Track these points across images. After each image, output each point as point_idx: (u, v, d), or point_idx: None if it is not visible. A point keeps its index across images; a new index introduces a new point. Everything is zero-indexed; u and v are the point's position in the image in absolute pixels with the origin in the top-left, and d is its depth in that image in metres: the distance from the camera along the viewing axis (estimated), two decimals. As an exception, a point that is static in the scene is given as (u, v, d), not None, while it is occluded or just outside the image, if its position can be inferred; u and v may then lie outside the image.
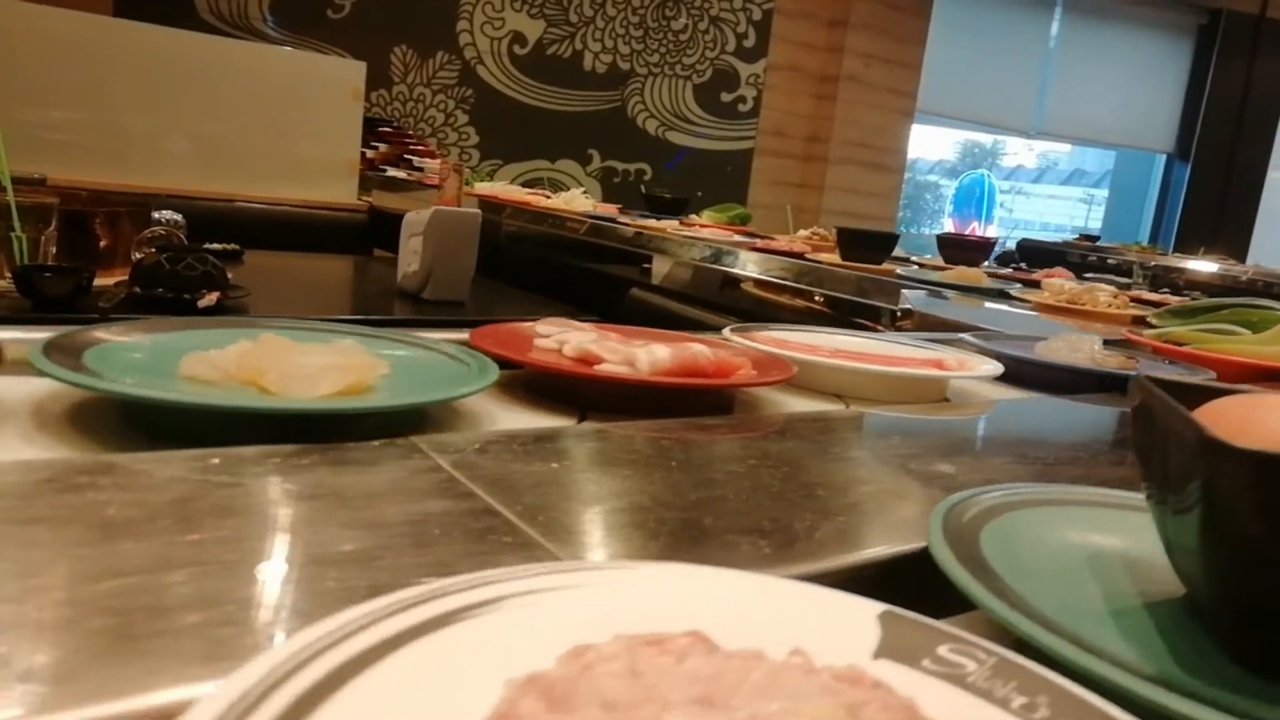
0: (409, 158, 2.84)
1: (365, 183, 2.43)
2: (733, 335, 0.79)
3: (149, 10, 2.49)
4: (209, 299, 1.06)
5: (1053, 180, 9.26)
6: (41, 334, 0.52)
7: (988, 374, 0.77)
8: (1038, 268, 2.56)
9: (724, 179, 4.37)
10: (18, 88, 1.96)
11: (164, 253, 1.07)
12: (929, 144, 7.97)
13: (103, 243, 1.20)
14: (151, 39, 2.11)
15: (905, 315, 1.35)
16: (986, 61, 5.40)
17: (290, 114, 2.27)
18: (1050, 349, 0.91)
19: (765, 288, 1.64)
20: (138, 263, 1.09)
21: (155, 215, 1.33)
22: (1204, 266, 3.08)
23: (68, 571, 0.30)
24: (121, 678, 0.24)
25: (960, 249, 2.23)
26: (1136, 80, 5.86)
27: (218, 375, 0.50)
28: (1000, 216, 7.93)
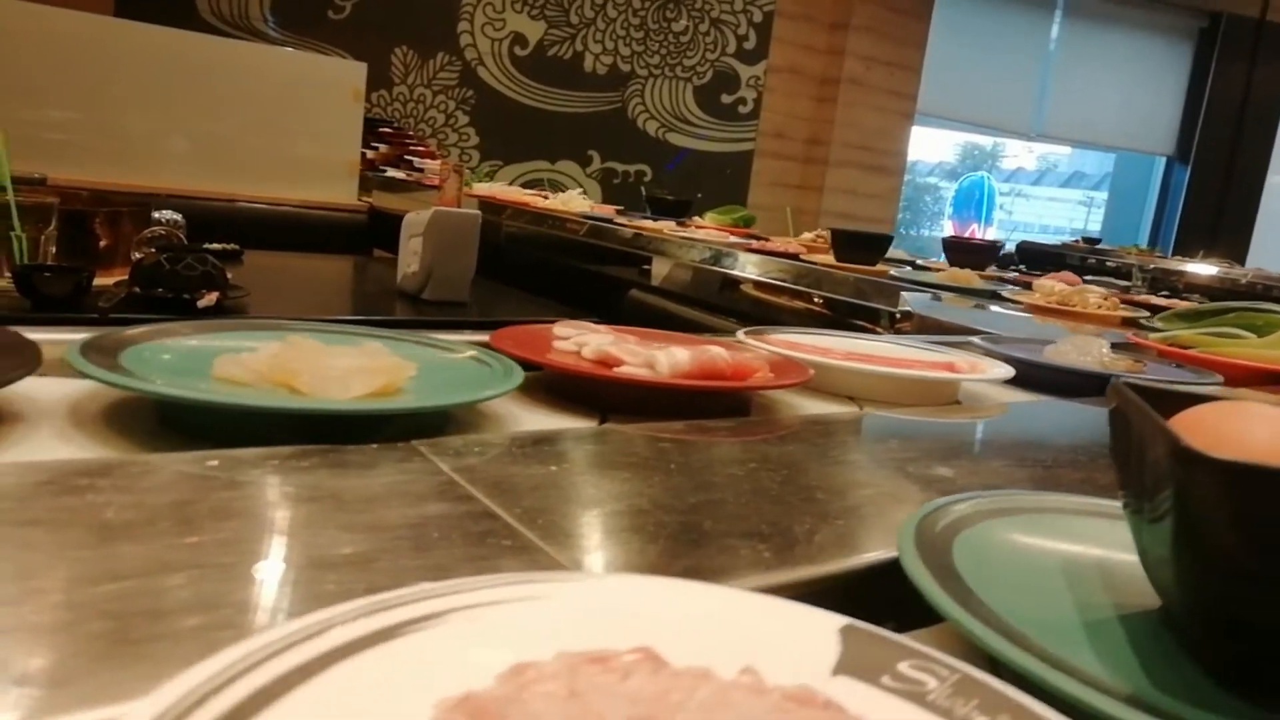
0: (409, 158, 2.84)
1: (365, 183, 2.43)
2: (748, 338, 0.80)
3: (150, 10, 2.48)
4: (209, 299, 1.06)
5: (1052, 183, 9.25)
6: (76, 335, 0.53)
7: (999, 377, 0.78)
8: (1036, 270, 2.56)
9: (724, 181, 4.37)
10: (18, 87, 1.96)
11: (164, 253, 1.07)
12: (929, 146, 7.97)
13: (103, 242, 1.20)
14: (152, 39, 2.11)
15: (904, 317, 1.35)
16: (987, 64, 5.40)
17: (290, 114, 2.27)
18: (1059, 352, 0.91)
19: (764, 289, 1.64)
20: (137, 263, 1.09)
21: (155, 215, 1.33)
22: (1203, 269, 3.08)
23: (66, 574, 0.29)
24: (119, 681, 0.24)
25: (966, 252, 2.24)
26: (1137, 83, 5.86)
27: (251, 377, 0.51)
28: (1000, 219, 7.93)
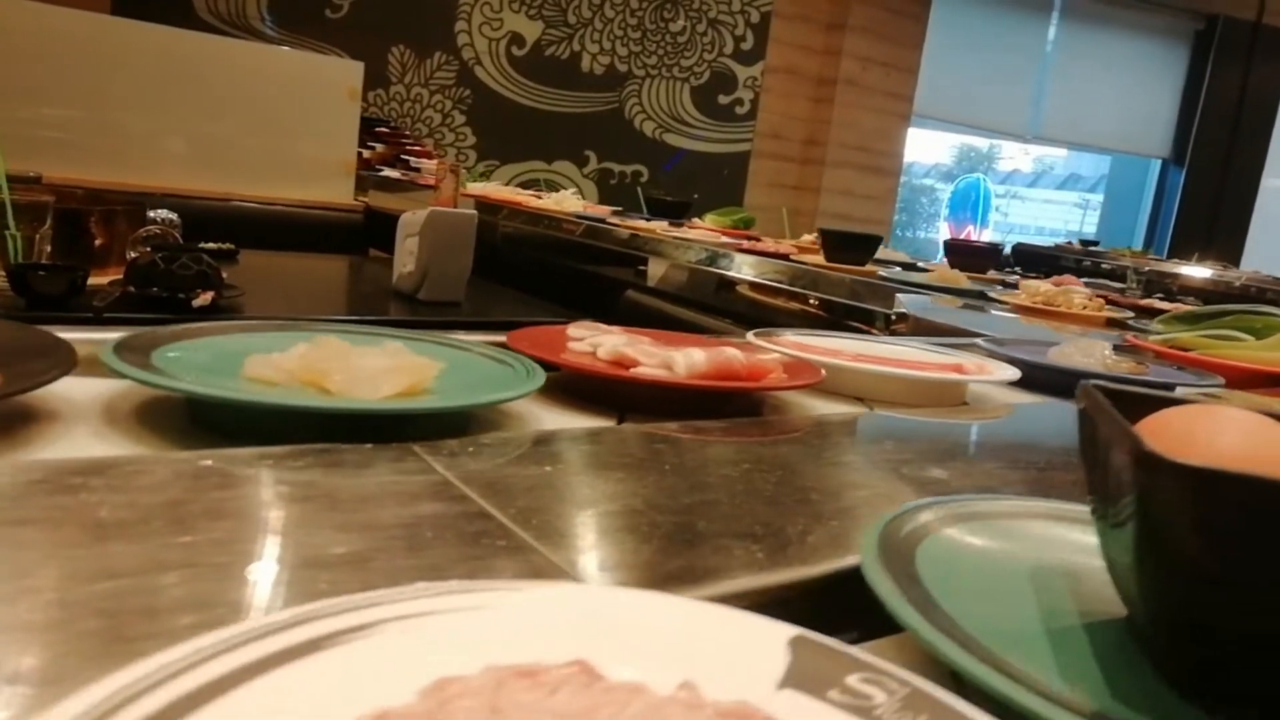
0: (406, 158, 2.84)
1: (361, 183, 2.43)
2: (758, 339, 0.81)
3: (146, 8, 2.48)
4: (204, 298, 1.06)
5: (1048, 184, 9.26)
6: (76, 334, 0.53)
7: (1005, 379, 0.79)
8: (1032, 272, 2.57)
9: (720, 182, 4.37)
10: (14, 85, 1.95)
11: (159, 252, 1.07)
12: (925, 147, 7.98)
13: (98, 241, 1.20)
14: (149, 38, 2.11)
15: (900, 319, 1.35)
16: (983, 66, 5.40)
17: (287, 113, 2.27)
18: (1063, 354, 0.92)
19: (760, 290, 1.64)
20: (132, 262, 1.08)
21: (150, 214, 1.33)
22: (1198, 272, 3.09)
23: (59, 573, 0.29)
24: (112, 680, 0.24)
25: (968, 255, 2.24)
26: (1133, 85, 5.87)
27: (281, 376, 0.52)
28: (995, 221, 7.94)
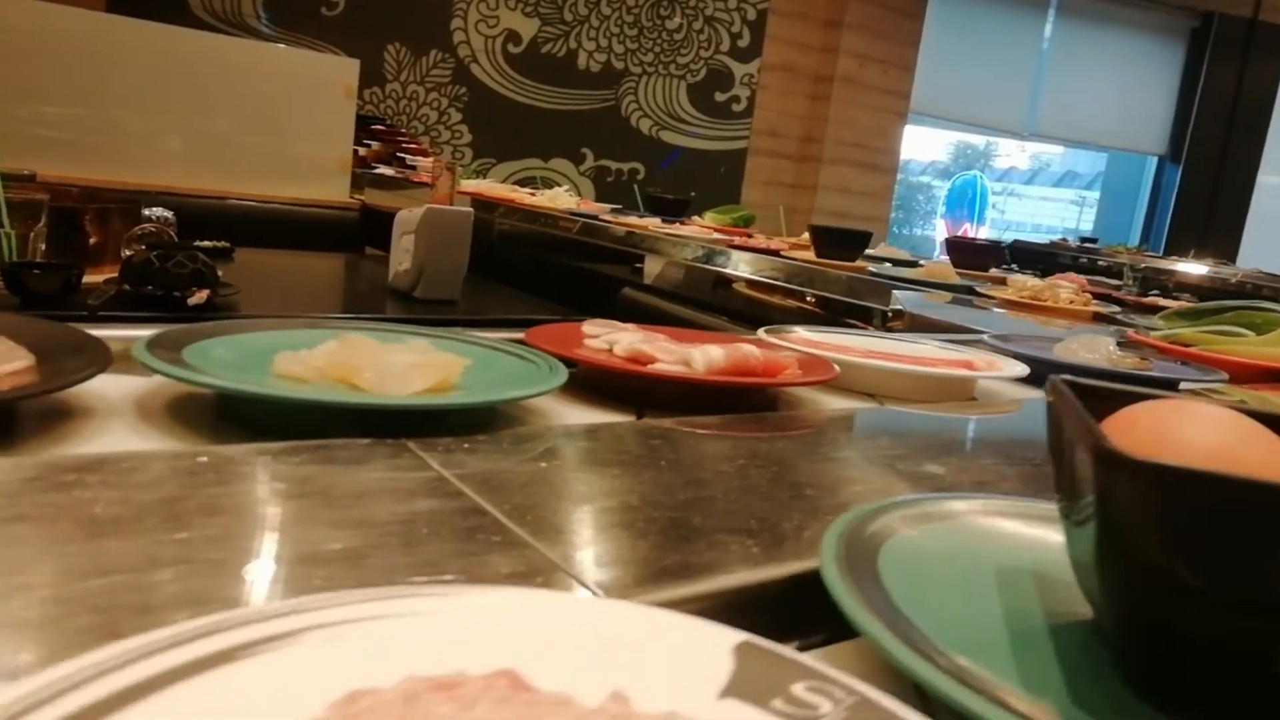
0: (401, 156, 2.83)
1: (357, 181, 2.43)
2: (769, 336, 0.82)
3: (142, 6, 2.48)
4: (199, 297, 1.05)
5: (1045, 182, 9.27)
6: (140, 331, 0.54)
7: (1014, 375, 0.80)
8: (1029, 269, 2.57)
9: (717, 179, 4.37)
10: (8, 83, 1.94)
11: (154, 250, 1.07)
12: (922, 145, 7.98)
13: (92, 239, 1.20)
14: (144, 35, 2.10)
15: (896, 316, 1.35)
16: (980, 63, 5.41)
17: (283, 111, 2.26)
18: (1068, 350, 0.93)
19: (756, 288, 1.64)
20: (127, 260, 1.08)
21: (145, 212, 1.32)
22: (1194, 269, 3.09)
23: (53, 569, 0.29)
24: (106, 676, 0.24)
25: (970, 253, 2.25)
26: (1129, 83, 5.88)
27: (311, 373, 0.52)
28: (992, 218, 7.94)
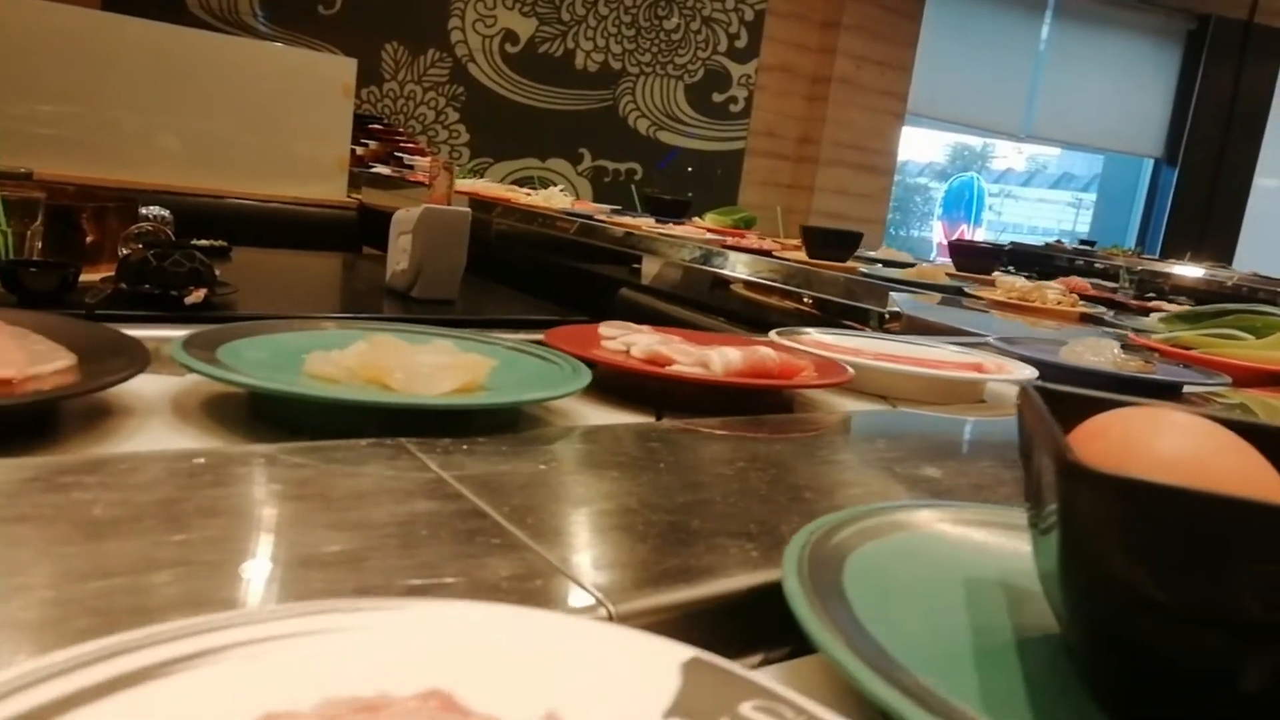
0: (399, 155, 2.83)
1: (354, 180, 2.42)
2: (781, 338, 0.83)
3: (138, 4, 2.47)
4: (196, 296, 1.05)
5: (1041, 184, 9.28)
6: (146, 331, 0.55)
7: (1023, 378, 0.81)
8: (1025, 271, 2.57)
9: (715, 180, 4.37)
10: (5, 81, 1.94)
11: (151, 249, 1.07)
12: (919, 146, 7.98)
13: (89, 238, 1.19)
14: (141, 33, 2.10)
15: (894, 317, 1.35)
16: (977, 65, 5.41)
17: (280, 110, 2.26)
18: (1074, 353, 0.94)
19: (754, 289, 1.64)
20: (124, 259, 1.08)
21: (142, 211, 1.32)
22: (1190, 271, 3.10)
23: (52, 570, 0.29)
24: (105, 679, 0.24)
25: (972, 256, 2.26)
26: (1126, 85, 5.89)
27: (343, 373, 0.53)
28: (989, 219, 7.95)
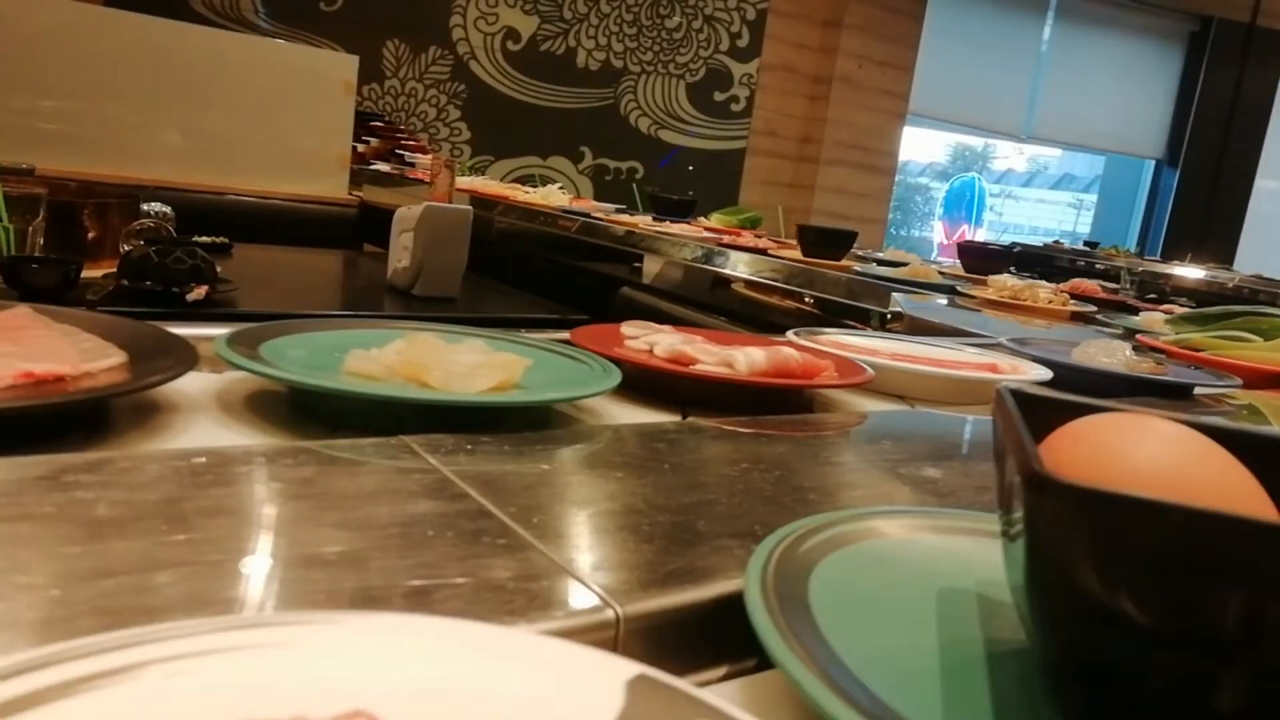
0: (400, 153, 2.83)
1: (356, 177, 2.42)
2: (799, 338, 0.84)
3: (140, 1, 2.47)
4: (197, 293, 1.05)
5: (1042, 184, 9.27)
6: (216, 330, 0.56)
7: (1037, 378, 0.82)
8: (1026, 272, 2.57)
9: (716, 179, 4.37)
10: (7, 77, 1.94)
11: (152, 245, 1.06)
12: (920, 146, 7.98)
13: (91, 234, 1.19)
14: (143, 30, 2.10)
15: (895, 317, 1.35)
16: (978, 65, 5.41)
17: (281, 107, 2.26)
18: (1085, 354, 0.95)
19: (755, 288, 1.64)
20: (126, 255, 1.08)
21: (144, 207, 1.32)
22: (1191, 273, 3.10)
23: (55, 570, 0.29)
24: (109, 680, 0.24)
25: (982, 257, 2.26)
26: (1127, 86, 5.89)
27: (382, 371, 0.54)
28: (990, 220, 7.95)
